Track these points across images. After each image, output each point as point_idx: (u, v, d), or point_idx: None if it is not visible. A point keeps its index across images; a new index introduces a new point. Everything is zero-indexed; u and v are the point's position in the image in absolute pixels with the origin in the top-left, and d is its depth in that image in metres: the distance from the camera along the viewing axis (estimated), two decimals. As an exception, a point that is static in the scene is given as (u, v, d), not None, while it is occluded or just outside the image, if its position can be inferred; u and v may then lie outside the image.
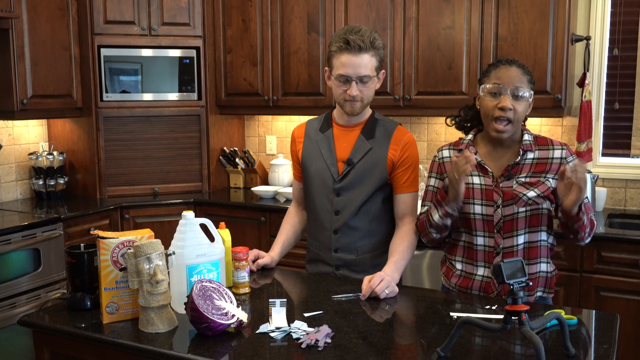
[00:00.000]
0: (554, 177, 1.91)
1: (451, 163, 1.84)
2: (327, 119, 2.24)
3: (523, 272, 1.43)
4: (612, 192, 3.39)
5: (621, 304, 2.82)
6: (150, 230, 1.83)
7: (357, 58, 2.02)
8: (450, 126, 2.14)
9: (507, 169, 1.93)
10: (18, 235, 3.06)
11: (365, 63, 2.04)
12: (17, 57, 3.39)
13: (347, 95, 2.06)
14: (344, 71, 2.04)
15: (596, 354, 1.52)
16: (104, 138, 3.84)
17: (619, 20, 3.32)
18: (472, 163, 1.78)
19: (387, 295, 1.90)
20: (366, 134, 2.15)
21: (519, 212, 1.90)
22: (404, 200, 2.15)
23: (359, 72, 2.03)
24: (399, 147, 2.13)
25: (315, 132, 2.23)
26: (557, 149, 1.94)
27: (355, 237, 2.15)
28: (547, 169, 1.92)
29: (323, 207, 2.18)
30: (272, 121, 4.31)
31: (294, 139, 2.31)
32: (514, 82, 1.87)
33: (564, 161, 1.92)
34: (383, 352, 1.51)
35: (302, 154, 2.24)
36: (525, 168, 1.93)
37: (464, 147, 2.01)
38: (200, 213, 3.69)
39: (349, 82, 2.04)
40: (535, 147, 1.95)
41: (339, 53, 2.04)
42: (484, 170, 1.96)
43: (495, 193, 1.92)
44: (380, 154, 2.13)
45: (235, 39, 3.93)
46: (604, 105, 3.41)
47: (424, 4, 3.35)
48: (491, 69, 1.95)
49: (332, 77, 2.10)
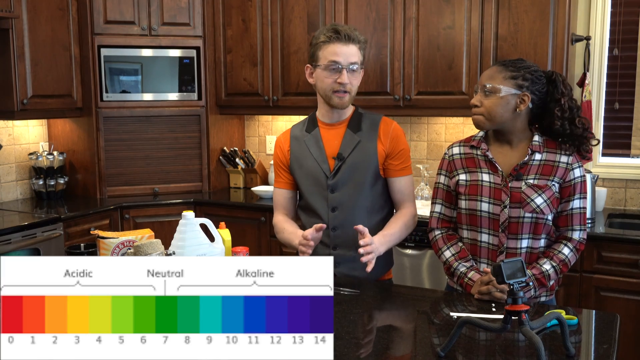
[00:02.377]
0: (558, 182, 1.92)
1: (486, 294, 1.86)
2: (311, 120, 2.24)
3: (523, 272, 1.43)
4: (612, 192, 3.39)
5: (621, 304, 2.82)
6: (150, 230, 1.83)
7: (347, 47, 2.07)
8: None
9: (516, 169, 1.94)
10: (18, 235, 3.06)
11: (354, 52, 2.08)
12: (17, 57, 3.39)
13: (336, 85, 2.07)
14: (335, 58, 2.06)
15: (596, 354, 1.52)
16: (104, 138, 3.84)
17: (619, 20, 3.32)
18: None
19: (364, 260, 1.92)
20: (353, 127, 2.16)
21: (525, 216, 1.91)
22: (399, 185, 2.17)
23: (349, 59, 2.07)
24: (388, 138, 2.15)
25: (301, 134, 2.23)
26: (565, 155, 1.95)
27: (353, 233, 2.15)
28: (554, 173, 1.93)
29: (319, 206, 2.17)
30: (272, 121, 4.31)
31: (279, 145, 2.28)
32: (485, 80, 1.94)
33: (570, 167, 1.93)
34: (383, 352, 1.51)
35: (291, 157, 2.23)
36: (532, 169, 1.94)
37: (476, 143, 2.02)
38: (200, 213, 3.69)
39: (340, 70, 2.06)
40: (543, 149, 1.96)
41: (328, 43, 2.07)
42: (494, 168, 1.96)
43: (504, 193, 1.92)
44: (370, 145, 2.14)
45: (235, 39, 3.93)
46: (604, 105, 3.41)
47: (424, 4, 3.35)
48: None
49: (318, 69, 2.11)
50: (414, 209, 2.20)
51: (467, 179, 1.99)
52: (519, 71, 1.93)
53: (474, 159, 2.01)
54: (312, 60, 2.14)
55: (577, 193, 1.93)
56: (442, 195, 2.09)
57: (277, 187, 2.31)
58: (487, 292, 1.84)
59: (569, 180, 1.93)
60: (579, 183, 1.94)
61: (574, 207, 1.94)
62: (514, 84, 1.92)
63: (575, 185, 1.93)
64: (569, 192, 1.93)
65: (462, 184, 2.00)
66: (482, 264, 1.99)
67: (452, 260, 2.01)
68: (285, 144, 2.26)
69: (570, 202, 1.94)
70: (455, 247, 2.03)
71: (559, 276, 1.94)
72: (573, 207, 1.94)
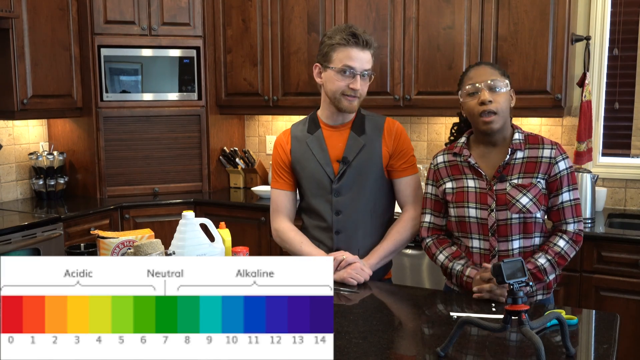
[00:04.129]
0: (543, 178, 1.91)
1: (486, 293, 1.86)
2: (312, 120, 2.20)
3: (523, 272, 1.43)
4: (612, 192, 3.39)
5: (621, 304, 2.82)
6: (150, 230, 1.83)
7: (364, 53, 2.04)
8: (453, 142, 2.13)
9: (499, 170, 1.93)
10: (18, 235, 3.06)
11: (369, 59, 2.06)
12: (17, 57, 3.39)
13: (348, 90, 2.04)
14: (351, 63, 2.02)
15: (596, 354, 1.52)
16: (104, 138, 3.84)
17: (619, 20, 3.32)
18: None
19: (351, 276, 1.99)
20: (357, 130, 2.14)
21: (512, 218, 1.90)
22: (400, 186, 2.16)
23: (365, 67, 2.04)
24: (391, 138, 2.14)
25: (302, 134, 2.19)
26: (547, 148, 1.93)
27: (357, 236, 2.14)
28: (537, 169, 1.92)
29: (322, 209, 2.16)
30: (272, 121, 4.31)
31: (280, 145, 2.23)
32: (487, 77, 1.91)
33: (553, 160, 1.91)
34: (383, 352, 1.51)
35: (292, 157, 2.19)
36: (515, 168, 1.93)
37: (458, 150, 2.01)
38: (200, 213, 3.69)
39: (354, 75, 2.03)
40: (525, 145, 1.94)
41: (345, 46, 2.02)
42: (478, 173, 1.96)
43: (489, 197, 1.92)
44: (374, 148, 2.13)
45: (235, 39, 3.93)
46: (604, 105, 3.41)
47: (424, 4, 3.35)
48: (463, 75, 2.00)
49: (329, 70, 2.06)
50: (413, 211, 2.16)
51: (453, 186, 1.99)
52: (502, 69, 1.97)
53: (457, 166, 2.01)
54: (324, 60, 2.08)
55: (564, 186, 1.91)
56: (430, 205, 2.08)
57: (277, 187, 2.24)
58: (489, 289, 1.84)
59: (555, 174, 1.91)
60: (565, 176, 1.91)
61: (564, 201, 1.92)
62: (507, 80, 1.94)
63: (562, 178, 1.91)
64: (557, 186, 1.91)
65: (449, 192, 2.00)
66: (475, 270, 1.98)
67: (447, 262, 2.00)
68: (287, 144, 2.22)
69: (559, 196, 1.92)
70: (448, 250, 2.02)
71: (557, 270, 1.92)
72: (563, 200, 1.91)
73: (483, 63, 1.99)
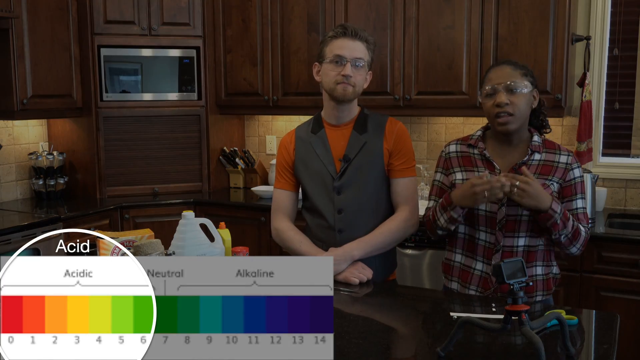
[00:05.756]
0: (557, 182, 1.92)
1: (486, 183, 1.80)
2: (317, 121, 2.23)
3: (523, 272, 1.43)
4: (612, 192, 3.39)
5: (621, 304, 2.82)
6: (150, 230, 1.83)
7: (353, 42, 2.08)
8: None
9: (515, 168, 1.93)
10: (18, 235, 3.05)
11: (360, 49, 2.09)
12: (17, 57, 3.39)
13: (339, 77, 2.07)
14: (339, 52, 2.07)
15: (596, 354, 1.52)
16: (104, 138, 3.83)
17: (619, 20, 3.32)
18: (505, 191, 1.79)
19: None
20: (358, 129, 2.15)
21: (523, 214, 1.90)
22: (399, 186, 2.15)
23: (354, 54, 2.07)
24: (392, 137, 2.15)
25: (307, 135, 2.21)
26: (564, 155, 1.96)
27: (360, 234, 2.14)
28: (553, 172, 1.93)
29: (325, 207, 2.16)
30: (272, 121, 4.31)
31: (284, 146, 2.25)
32: (506, 78, 1.91)
33: (569, 167, 1.94)
34: (383, 352, 1.51)
35: (296, 158, 2.21)
36: (531, 168, 1.94)
37: (473, 142, 2.02)
38: (200, 213, 3.68)
39: (344, 63, 2.06)
40: (543, 149, 1.96)
41: (335, 39, 2.09)
42: (491, 167, 1.96)
43: None
44: (375, 146, 2.13)
45: (235, 39, 3.93)
46: (604, 105, 3.41)
47: (424, 4, 3.35)
48: (486, 74, 2.00)
49: (323, 64, 2.11)
50: (407, 212, 2.14)
51: (463, 177, 1.99)
52: (525, 69, 1.95)
53: (470, 158, 2.01)
54: (319, 57, 2.14)
55: (579, 192, 1.94)
56: (436, 192, 2.09)
57: (280, 188, 2.26)
58: (487, 179, 1.80)
59: (570, 180, 1.93)
60: (579, 183, 1.95)
61: (578, 207, 1.94)
62: (529, 80, 1.93)
63: (576, 185, 1.94)
64: (572, 192, 1.93)
65: (458, 183, 2.00)
66: (477, 262, 1.99)
67: (433, 207, 2.03)
68: (291, 144, 2.24)
69: (573, 201, 1.94)
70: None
71: (570, 232, 1.87)
72: (577, 206, 1.94)
73: (505, 62, 1.98)
